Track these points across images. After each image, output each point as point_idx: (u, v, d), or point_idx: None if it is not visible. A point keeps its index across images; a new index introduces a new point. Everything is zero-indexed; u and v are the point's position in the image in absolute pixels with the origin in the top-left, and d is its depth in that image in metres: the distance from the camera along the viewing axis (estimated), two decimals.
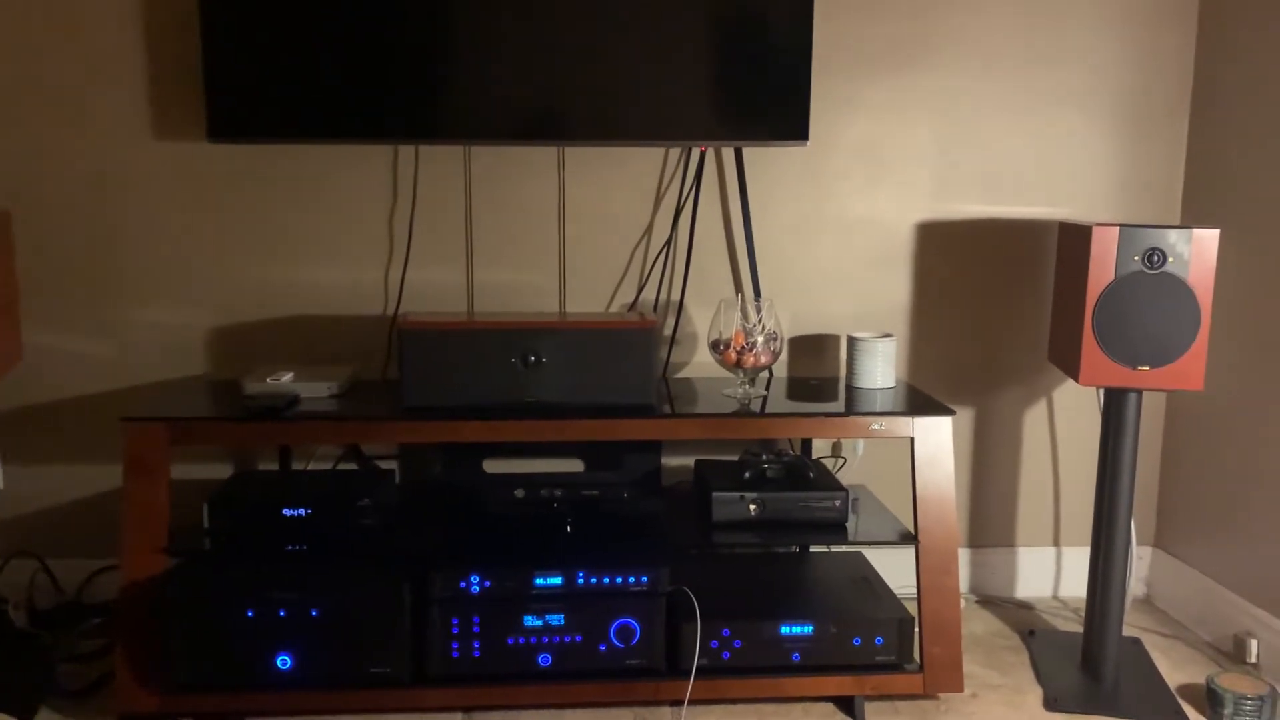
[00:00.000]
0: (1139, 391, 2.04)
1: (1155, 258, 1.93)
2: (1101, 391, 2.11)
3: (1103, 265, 1.95)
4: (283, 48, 2.12)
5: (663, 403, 2.10)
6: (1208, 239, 1.92)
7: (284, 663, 1.90)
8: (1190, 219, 2.45)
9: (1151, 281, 1.94)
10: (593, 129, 2.19)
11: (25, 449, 2.37)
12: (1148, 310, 1.95)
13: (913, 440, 2.02)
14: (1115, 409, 2.06)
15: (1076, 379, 2.01)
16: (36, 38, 2.25)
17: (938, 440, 2.02)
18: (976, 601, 2.55)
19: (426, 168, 2.33)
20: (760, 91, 2.19)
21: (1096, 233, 1.94)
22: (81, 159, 2.29)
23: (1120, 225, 1.94)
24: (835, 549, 2.41)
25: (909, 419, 2.02)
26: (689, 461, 2.45)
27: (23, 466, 2.38)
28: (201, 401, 2.09)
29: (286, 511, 1.99)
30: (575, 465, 2.41)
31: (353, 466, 2.39)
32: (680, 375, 2.45)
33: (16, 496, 2.38)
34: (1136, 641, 2.32)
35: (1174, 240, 1.93)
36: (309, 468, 2.39)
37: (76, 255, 2.32)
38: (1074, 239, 2.06)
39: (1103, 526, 2.11)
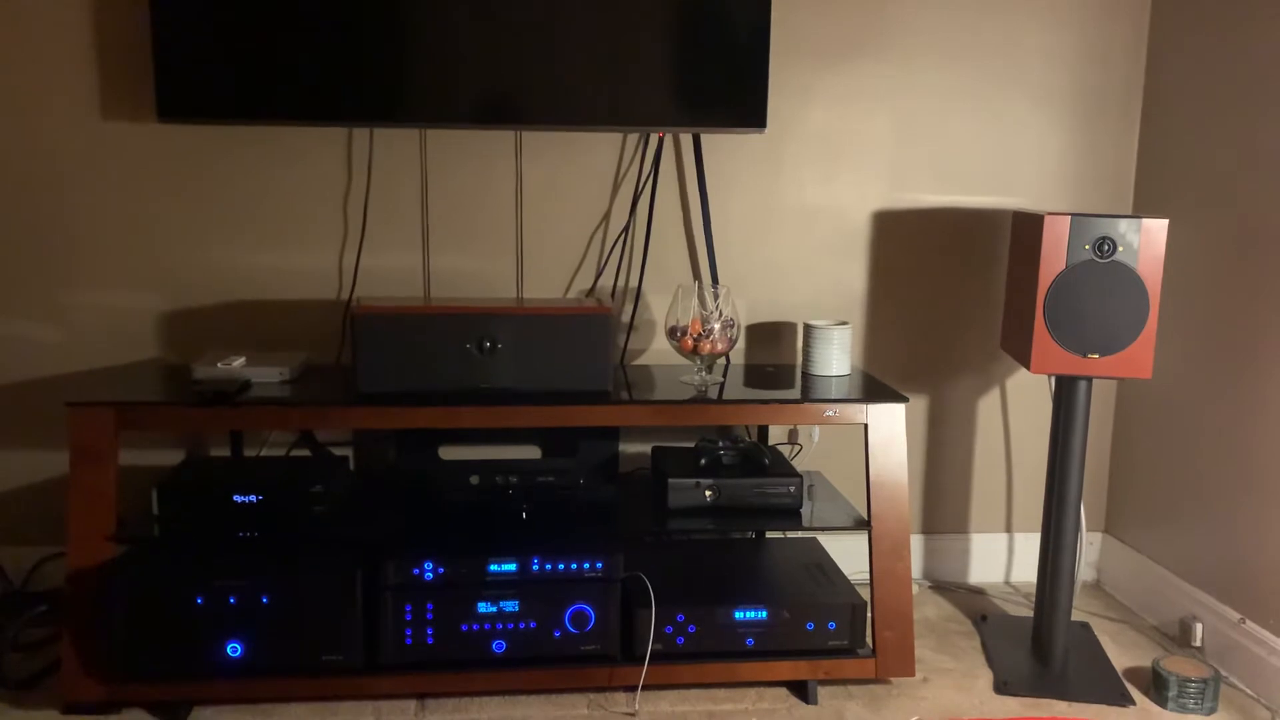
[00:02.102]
0: (1089, 379, 2.07)
1: (1105, 247, 1.96)
2: (1053, 379, 2.13)
3: (1054, 254, 1.98)
4: (235, 25, 2.08)
5: (620, 389, 2.10)
6: (1157, 229, 1.95)
7: (234, 650, 1.88)
8: (1141, 209, 2.49)
9: (1102, 270, 1.97)
10: (551, 113, 2.18)
11: None
12: (1098, 299, 1.98)
13: (866, 427, 2.04)
14: (1066, 396, 2.09)
15: (1028, 367, 2.03)
16: None
17: (891, 427, 2.04)
18: (929, 587, 2.58)
19: (382, 151, 2.31)
20: (719, 78, 2.19)
21: (1048, 222, 1.97)
22: (27, 139, 2.24)
23: (1072, 214, 1.96)
24: (790, 534, 2.42)
25: (863, 406, 2.03)
26: (646, 448, 2.45)
27: None
28: (151, 386, 2.06)
29: (238, 498, 1.96)
30: (533, 452, 2.40)
31: (306, 453, 2.36)
32: (638, 362, 2.45)
33: None
34: (1086, 626, 2.35)
35: (1124, 230, 1.95)
36: (262, 454, 2.36)
37: (23, 237, 2.27)
38: (1026, 228, 2.08)
39: (1053, 513, 2.13)
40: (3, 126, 2.23)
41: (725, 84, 2.19)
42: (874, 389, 2.13)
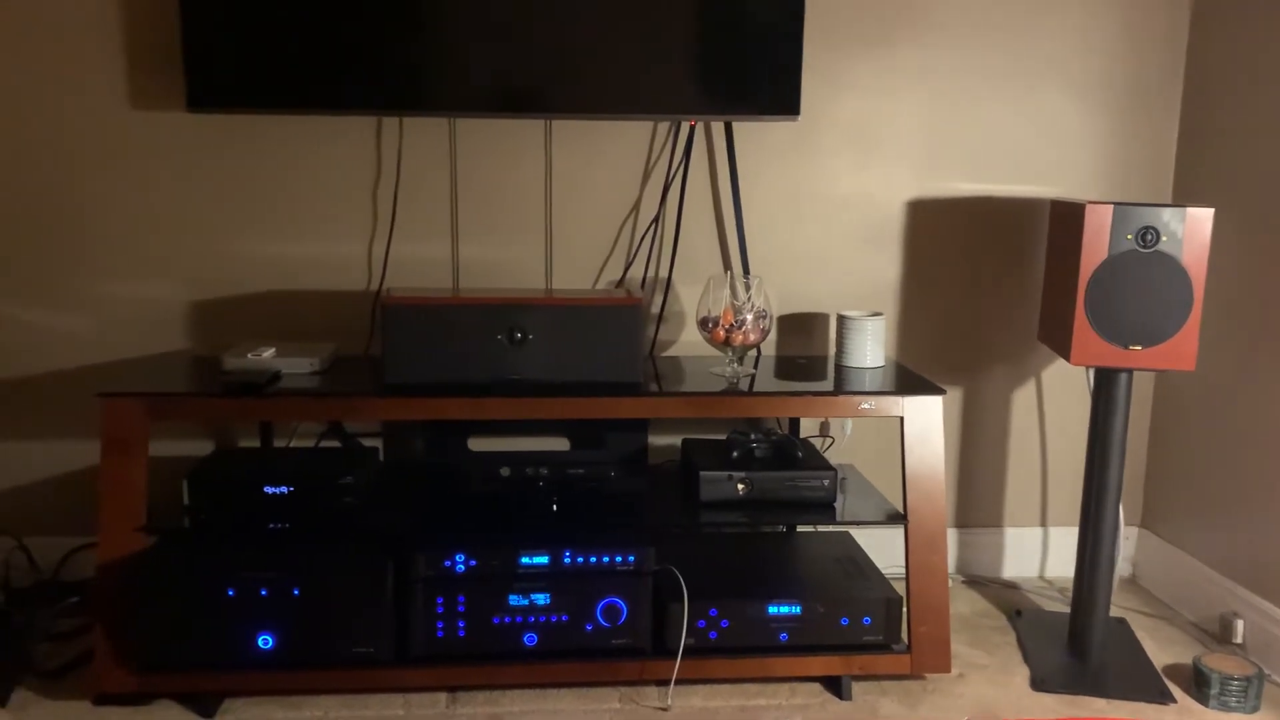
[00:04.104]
0: (1130, 371, 2.03)
1: (1149, 236, 1.92)
2: (1091, 371, 2.09)
3: (1095, 244, 1.94)
4: (264, 14, 2.07)
5: (649, 381, 2.08)
6: (1202, 218, 1.90)
7: (265, 642, 1.87)
8: (1181, 198, 2.44)
9: (1144, 260, 1.93)
10: (581, 102, 2.16)
11: (2, 425, 2.33)
12: (1140, 289, 1.94)
13: (903, 420, 2.00)
14: (1105, 389, 2.05)
15: (1068, 358, 1.99)
16: (9, 3, 2.19)
17: (928, 420, 2.01)
18: (963, 582, 2.54)
19: (411, 141, 2.29)
20: (751, 65, 2.16)
21: (1090, 211, 1.93)
22: (57, 129, 2.24)
23: (1114, 204, 1.92)
24: (821, 528, 2.39)
25: (899, 398, 2.00)
26: (675, 440, 2.43)
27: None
28: (181, 377, 2.05)
29: (268, 489, 1.95)
30: (561, 443, 2.37)
31: (335, 444, 2.35)
32: (667, 354, 2.42)
33: None
34: (1123, 622, 2.32)
35: (1168, 219, 1.91)
36: (291, 445, 2.35)
37: (52, 227, 2.27)
38: (1066, 217, 2.04)
39: (1091, 507, 2.10)
40: (33, 117, 2.23)
41: (758, 71, 2.16)
42: (910, 381, 2.09)
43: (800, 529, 2.39)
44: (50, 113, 2.23)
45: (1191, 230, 1.91)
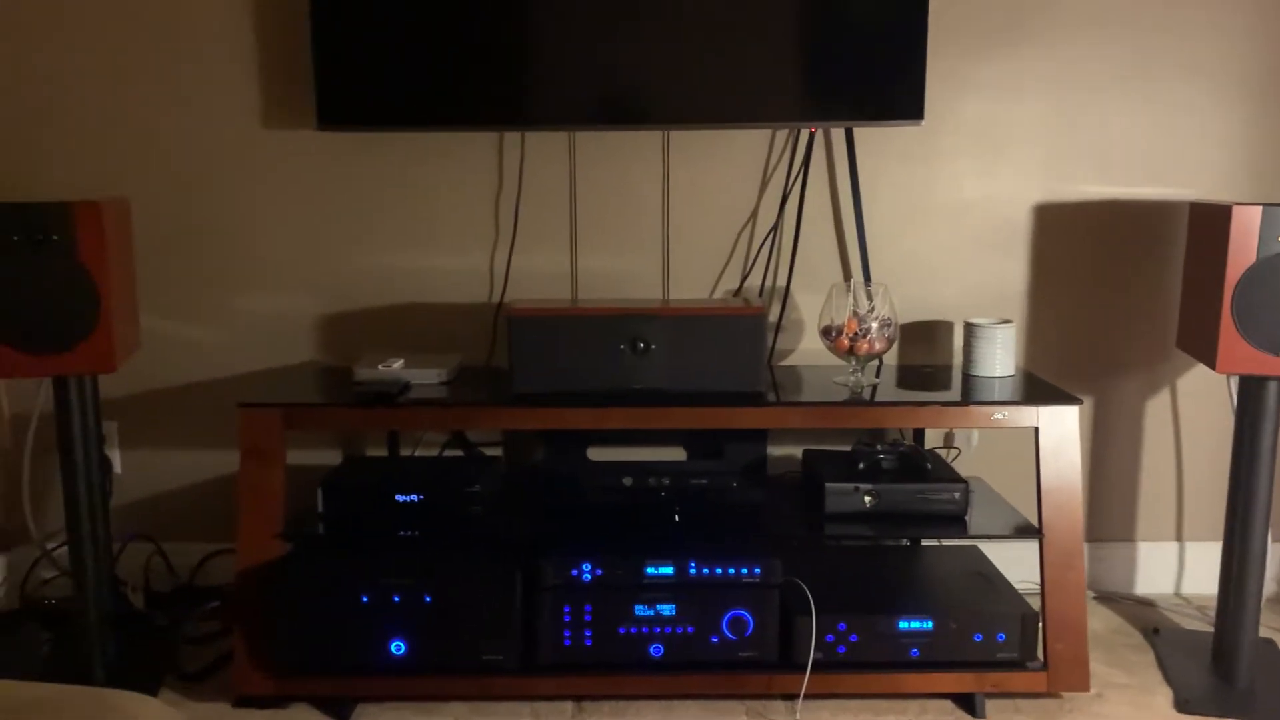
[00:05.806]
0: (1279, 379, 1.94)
1: None
2: (1234, 380, 2.01)
3: (1243, 247, 1.85)
4: (391, 35, 2.12)
5: (769, 390, 2.06)
6: None
7: (398, 648, 1.90)
8: None
9: None
10: (699, 113, 2.15)
11: (142, 434, 2.42)
12: None
13: (1037, 430, 1.95)
14: (1253, 398, 1.96)
15: (1213, 366, 1.91)
16: (148, 27, 2.28)
17: (1063, 430, 1.95)
18: (1094, 597, 2.46)
19: (531, 154, 2.31)
20: (873, 69, 2.13)
21: (1237, 213, 1.85)
22: (193, 147, 2.32)
23: (1263, 205, 1.84)
24: (947, 542, 2.34)
25: (1034, 408, 1.94)
26: (790, 450, 2.40)
27: (139, 451, 2.43)
28: (314, 388, 2.11)
29: (399, 497, 1.99)
30: (677, 454, 2.37)
31: (458, 453, 2.39)
32: (785, 363, 2.40)
33: (133, 481, 2.43)
34: (1270, 642, 2.21)
35: None
36: (415, 454, 2.39)
37: (189, 242, 2.36)
38: (1209, 220, 1.96)
39: (1236, 522, 2.01)
40: (171, 135, 2.32)
41: (880, 75, 2.13)
42: (1044, 390, 2.03)
43: (925, 542, 2.34)
44: (188, 133, 2.32)
45: None
